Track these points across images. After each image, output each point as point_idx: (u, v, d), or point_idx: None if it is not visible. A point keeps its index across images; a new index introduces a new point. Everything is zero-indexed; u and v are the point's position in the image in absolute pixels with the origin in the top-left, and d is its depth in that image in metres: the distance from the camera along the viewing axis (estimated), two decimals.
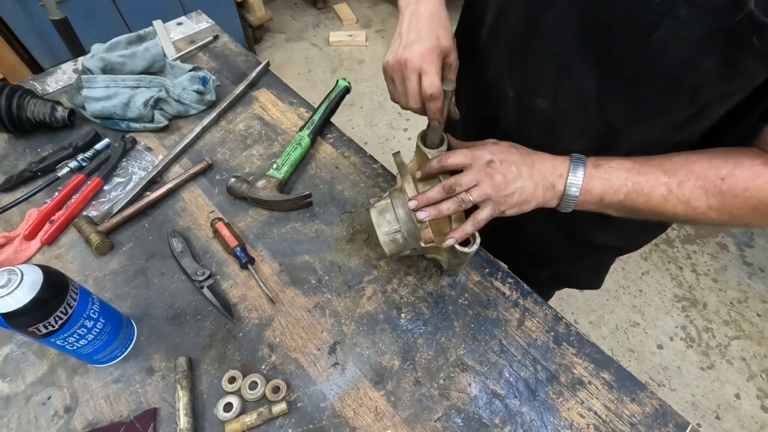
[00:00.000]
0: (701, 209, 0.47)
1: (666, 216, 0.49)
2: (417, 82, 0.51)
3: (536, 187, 0.51)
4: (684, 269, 1.76)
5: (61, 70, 0.95)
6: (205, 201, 0.73)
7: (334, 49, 2.64)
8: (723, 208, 0.46)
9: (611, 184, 0.49)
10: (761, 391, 1.46)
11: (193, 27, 1.07)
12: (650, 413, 0.53)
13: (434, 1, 0.55)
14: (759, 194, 0.45)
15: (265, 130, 0.84)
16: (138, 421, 0.52)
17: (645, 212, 0.50)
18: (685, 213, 0.48)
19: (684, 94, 0.44)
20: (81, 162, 0.76)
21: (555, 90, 0.52)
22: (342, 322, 0.60)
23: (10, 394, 0.55)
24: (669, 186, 0.47)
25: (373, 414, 0.53)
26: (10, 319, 0.43)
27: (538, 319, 0.60)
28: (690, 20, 0.38)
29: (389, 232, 0.56)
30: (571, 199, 0.51)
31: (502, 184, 0.50)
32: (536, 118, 0.56)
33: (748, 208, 0.45)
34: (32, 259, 0.66)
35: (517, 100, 0.57)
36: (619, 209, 0.51)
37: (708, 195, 0.46)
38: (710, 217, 0.47)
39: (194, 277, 0.62)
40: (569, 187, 0.50)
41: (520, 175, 0.50)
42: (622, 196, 0.49)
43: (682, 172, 0.47)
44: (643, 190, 0.48)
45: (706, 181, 0.46)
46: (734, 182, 0.45)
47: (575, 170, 0.50)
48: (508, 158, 0.51)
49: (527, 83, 0.55)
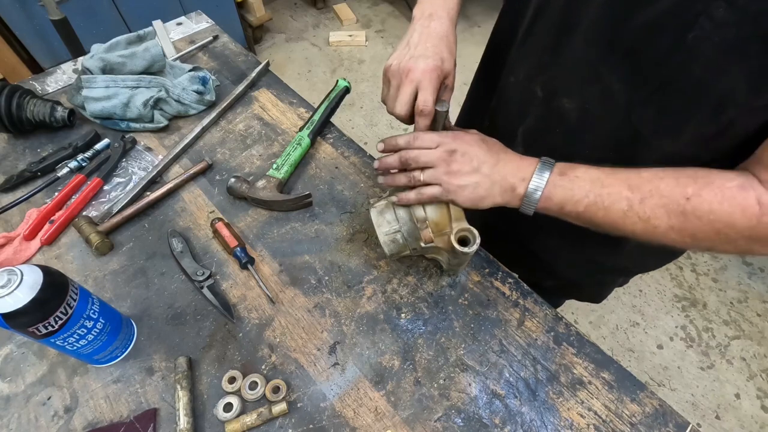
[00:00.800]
0: (661, 229, 0.45)
1: (625, 232, 0.48)
2: (411, 93, 0.53)
3: (493, 185, 0.51)
4: (684, 269, 1.76)
5: (61, 70, 0.95)
6: (205, 201, 0.73)
7: (334, 49, 2.64)
8: (685, 230, 0.44)
9: (572, 195, 0.48)
10: (761, 391, 1.46)
11: (192, 27, 1.07)
12: (650, 413, 0.53)
13: (447, 22, 0.57)
14: (725, 218, 0.42)
15: (265, 130, 0.84)
16: (138, 421, 0.52)
17: (604, 226, 0.49)
18: (644, 231, 0.46)
19: (710, 102, 0.43)
20: (81, 162, 0.76)
21: (583, 90, 0.52)
22: (342, 322, 0.60)
23: (9, 394, 0.55)
24: (630, 202, 0.46)
25: (373, 414, 0.53)
26: (10, 319, 0.43)
27: (538, 319, 0.60)
28: (726, 22, 0.37)
29: (389, 232, 0.56)
30: (531, 204, 0.50)
31: (456, 174, 0.51)
32: (562, 119, 0.56)
33: (713, 232, 0.43)
34: (32, 259, 0.66)
35: (546, 100, 0.57)
36: (579, 220, 0.50)
37: (670, 215, 0.44)
38: (671, 237, 0.45)
39: (194, 277, 0.62)
40: (531, 192, 0.50)
41: (478, 170, 0.51)
42: (582, 208, 0.48)
43: (647, 188, 0.45)
44: (603, 203, 0.47)
45: (669, 200, 0.44)
46: (699, 203, 0.43)
47: (540, 174, 0.49)
48: (472, 151, 0.52)
49: (556, 82, 0.55)
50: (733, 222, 0.42)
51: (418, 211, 0.55)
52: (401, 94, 0.54)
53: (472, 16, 2.80)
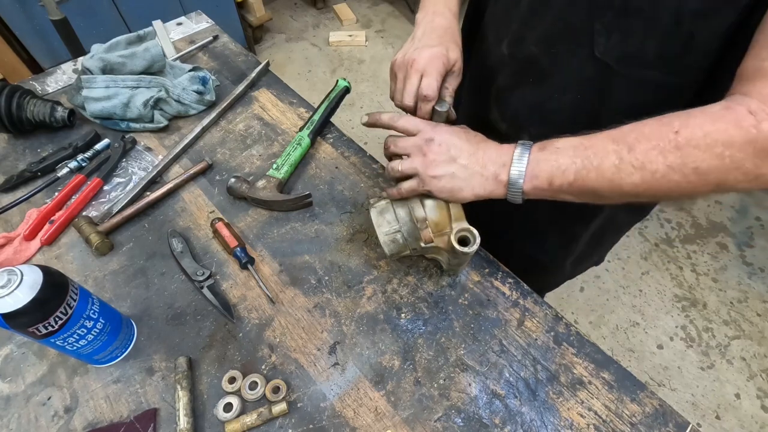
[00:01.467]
0: (661, 172, 0.41)
1: (625, 190, 0.44)
2: (417, 83, 0.54)
3: (472, 176, 0.50)
4: (684, 269, 1.76)
5: (61, 70, 0.95)
6: (205, 201, 0.73)
7: (334, 49, 2.64)
8: (686, 165, 0.40)
9: (558, 165, 0.46)
10: (761, 391, 1.46)
11: (192, 27, 1.07)
12: (650, 413, 0.53)
13: (450, 17, 0.60)
14: (722, 137, 0.39)
15: (265, 130, 0.84)
16: (138, 421, 0.52)
17: (602, 190, 0.45)
18: (644, 181, 0.42)
19: (667, 15, 0.44)
20: (81, 162, 0.76)
21: (546, 32, 0.54)
22: (342, 322, 0.60)
23: (10, 394, 0.55)
24: (619, 153, 0.43)
25: (373, 414, 0.53)
26: (10, 319, 0.43)
27: (538, 319, 0.60)
28: None
29: (389, 232, 0.56)
30: (517, 189, 0.48)
31: (432, 164, 0.50)
32: (531, 69, 0.57)
33: (715, 157, 0.39)
34: (32, 259, 0.66)
35: (512, 55, 0.59)
36: (573, 192, 0.47)
37: (665, 153, 0.41)
38: (675, 180, 0.41)
39: (194, 277, 0.62)
40: (515, 175, 0.47)
41: (455, 160, 0.50)
42: (572, 176, 0.45)
43: (632, 136, 0.43)
44: (592, 163, 0.44)
45: (659, 139, 0.41)
46: (690, 132, 0.40)
47: (521, 155, 0.48)
48: (450, 141, 0.51)
49: (519, 33, 0.57)
50: (731, 139, 0.39)
51: (418, 211, 0.55)
52: (408, 85, 0.54)
53: None
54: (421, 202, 0.56)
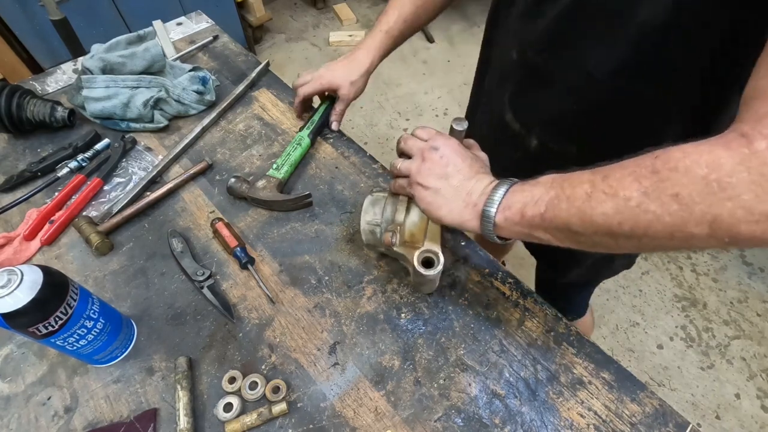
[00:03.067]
0: (635, 199, 0.35)
1: (597, 222, 0.38)
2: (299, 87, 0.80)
3: (456, 199, 0.49)
4: (684, 269, 1.76)
5: (61, 70, 0.95)
6: (205, 201, 0.73)
7: (334, 49, 2.64)
8: (663, 190, 0.34)
9: (532, 196, 0.43)
10: (761, 391, 1.46)
11: (192, 27, 1.07)
12: (650, 413, 0.53)
13: (366, 54, 0.76)
14: (706, 156, 0.32)
15: (265, 130, 0.84)
16: (138, 421, 0.52)
17: (573, 223, 0.40)
18: (617, 211, 0.37)
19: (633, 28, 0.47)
20: (81, 162, 0.76)
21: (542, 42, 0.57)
22: (342, 322, 0.60)
23: (10, 394, 0.55)
24: (593, 182, 0.39)
25: (373, 414, 0.53)
26: (10, 319, 0.43)
27: (538, 319, 0.60)
28: None
29: (370, 222, 0.58)
30: (489, 219, 0.46)
31: (425, 171, 0.51)
32: (535, 75, 0.61)
33: (698, 181, 0.32)
34: (32, 259, 0.66)
35: (520, 62, 0.63)
36: (546, 225, 0.42)
37: (639, 179, 0.36)
38: (652, 210, 0.35)
39: (194, 277, 0.62)
40: (487, 206, 0.46)
41: (447, 178, 0.50)
42: (543, 206, 0.42)
43: (611, 167, 0.39)
44: (565, 192, 0.41)
45: (636, 166, 0.37)
46: (670, 154, 0.35)
47: (501, 188, 0.46)
48: (453, 159, 0.51)
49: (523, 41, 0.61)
50: (717, 159, 0.32)
51: (399, 215, 0.56)
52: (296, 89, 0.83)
53: (471, 16, 2.80)
54: (407, 209, 0.56)
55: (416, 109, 2.30)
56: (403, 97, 2.36)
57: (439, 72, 2.47)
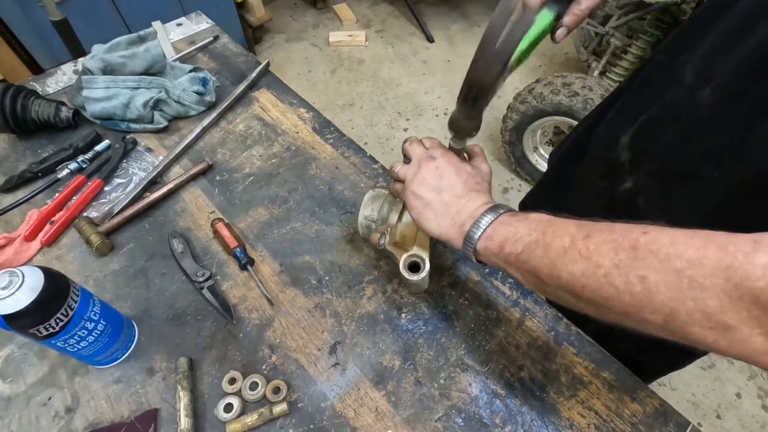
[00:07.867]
0: (605, 269, 0.33)
1: (563, 279, 0.37)
2: None
3: (445, 215, 0.48)
4: None
5: (61, 70, 0.95)
6: (206, 201, 0.73)
7: (334, 49, 2.64)
8: (633, 269, 0.32)
9: (515, 232, 0.42)
10: (762, 391, 1.46)
11: (192, 28, 1.07)
12: (651, 413, 0.53)
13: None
14: (691, 251, 0.29)
15: (265, 131, 0.84)
16: (139, 421, 0.52)
17: (542, 273, 0.39)
18: (584, 275, 0.35)
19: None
20: (81, 163, 0.76)
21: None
22: (342, 322, 0.60)
23: (10, 394, 0.55)
24: (574, 238, 0.37)
25: (373, 414, 0.53)
26: (11, 320, 0.43)
27: (538, 318, 0.60)
28: None
29: (367, 217, 0.59)
30: (471, 244, 0.45)
31: (419, 180, 0.50)
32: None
33: (671, 272, 0.30)
34: (33, 260, 0.66)
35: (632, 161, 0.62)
36: (519, 266, 0.41)
37: (617, 250, 0.33)
38: (615, 285, 0.33)
39: (194, 277, 0.62)
40: (473, 230, 0.45)
41: (440, 192, 0.49)
42: (521, 247, 0.40)
43: (597, 227, 0.37)
44: (545, 239, 0.39)
45: (622, 235, 0.34)
46: (657, 235, 0.32)
47: (490, 214, 0.45)
48: (448, 172, 0.50)
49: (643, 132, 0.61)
50: (702, 257, 0.28)
51: (392, 216, 0.56)
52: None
53: (471, 15, 2.80)
54: (401, 211, 0.57)
55: (416, 109, 2.30)
56: (403, 97, 2.36)
57: (439, 72, 2.46)
